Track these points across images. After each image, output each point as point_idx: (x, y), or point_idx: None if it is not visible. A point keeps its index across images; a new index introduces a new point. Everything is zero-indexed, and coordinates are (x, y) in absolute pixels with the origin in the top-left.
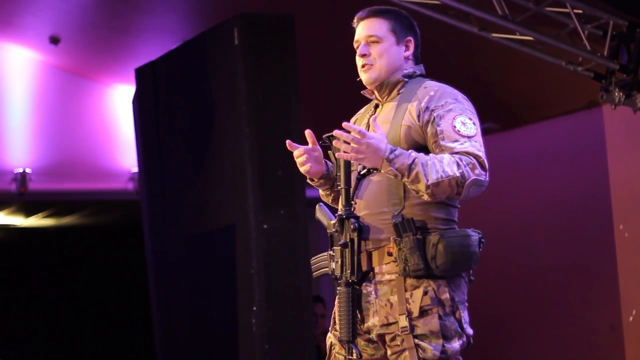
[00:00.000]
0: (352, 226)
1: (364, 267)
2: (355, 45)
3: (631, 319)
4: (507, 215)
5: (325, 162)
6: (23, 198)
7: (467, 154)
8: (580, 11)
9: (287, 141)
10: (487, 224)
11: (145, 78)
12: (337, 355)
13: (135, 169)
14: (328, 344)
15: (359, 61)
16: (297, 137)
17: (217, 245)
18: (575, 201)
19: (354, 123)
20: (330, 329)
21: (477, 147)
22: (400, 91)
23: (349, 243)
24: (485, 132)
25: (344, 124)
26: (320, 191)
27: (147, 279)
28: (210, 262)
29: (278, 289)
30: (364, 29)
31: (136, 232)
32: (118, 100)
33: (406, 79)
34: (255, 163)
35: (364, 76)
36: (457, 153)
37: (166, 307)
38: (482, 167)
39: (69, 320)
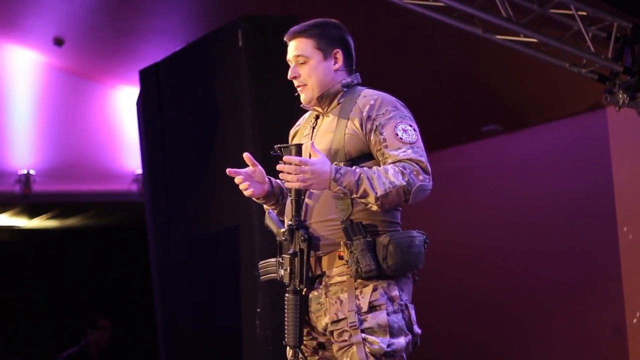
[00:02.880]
0: (302, 237)
1: (315, 272)
2: (289, 65)
3: (635, 320)
4: (511, 216)
5: (270, 179)
6: (27, 199)
7: (410, 160)
8: (585, 13)
9: (227, 169)
10: (490, 226)
11: (149, 80)
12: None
13: (139, 171)
14: (290, 354)
15: (295, 82)
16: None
17: (221, 246)
18: (579, 203)
19: (295, 135)
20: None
21: (420, 152)
22: (340, 101)
23: (299, 253)
24: (489, 134)
25: (285, 158)
26: (265, 207)
27: (151, 281)
28: (214, 264)
29: (282, 291)
30: (291, 50)
31: (140, 233)
32: (122, 101)
33: (345, 89)
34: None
35: (301, 96)
36: (400, 161)
37: (170, 309)
38: (425, 172)
39: (73, 322)
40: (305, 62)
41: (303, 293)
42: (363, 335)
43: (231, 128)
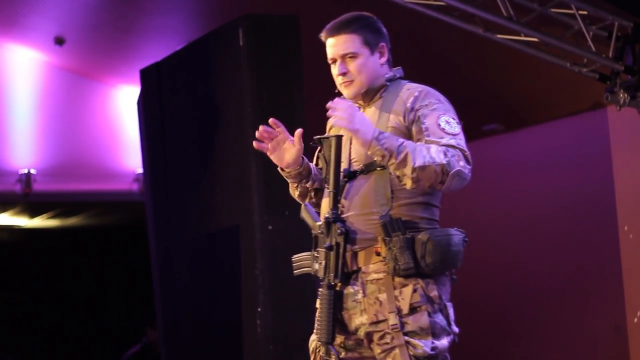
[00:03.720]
0: (338, 230)
1: (351, 268)
2: (330, 62)
3: (636, 320)
4: (511, 216)
5: (303, 158)
6: (28, 199)
7: (453, 147)
8: (585, 12)
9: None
10: (491, 225)
11: (150, 79)
12: (322, 357)
13: (140, 170)
14: (312, 347)
15: (337, 78)
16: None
17: (222, 246)
18: (580, 202)
19: (331, 128)
20: (314, 331)
21: (462, 143)
22: (382, 94)
23: (334, 246)
24: (489, 133)
25: (336, 100)
26: (291, 185)
27: (152, 280)
28: (214, 263)
29: (283, 290)
30: (336, 46)
31: (141, 233)
32: (123, 101)
33: (387, 83)
34: (260, 164)
35: (345, 91)
36: (442, 145)
37: (171, 308)
38: (467, 160)
39: (74, 322)
40: (354, 57)
41: (337, 288)
42: (406, 338)
43: (232, 127)
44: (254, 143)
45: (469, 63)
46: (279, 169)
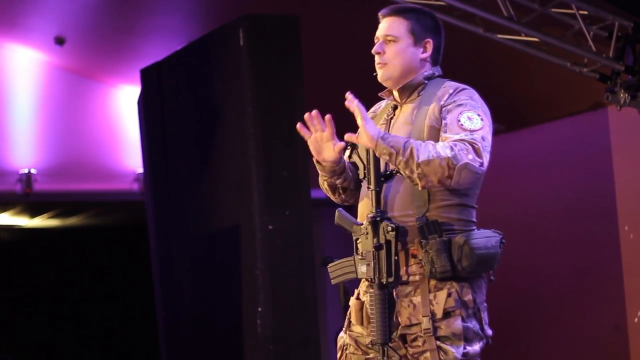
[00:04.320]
0: (389, 227)
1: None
2: (375, 41)
3: (636, 320)
4: (512, 216)
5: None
6: (28, 199)
7: (463, 141)
8: (586, 12)
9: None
10: (491, 225)
11: (151, 79)
12: (350, 355)
13: (141, 170)
14: (340, 343)
15: (376, 58)
16: (302, 137)
17: (222, 246)
18: (581, 202)
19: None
20: (344, 329)
21: (477, 138)
22: (421, 93)
23: (385, 245)
24: None
25: (349, 95)
26: (321, 176)
27: (152, 280)
28: (215, 263)
29: (283, 290)
30: (383, 27)
31: (141, 232)
32: (123, 101)
33: (426, 81)
34: (261, 164)
35: (379, 72)
36: (453, 140)
37: (171, 308)
38: (477, 154)
39: (74, 321)
40: (394, 41)
41: (390, 287)
42: (437, 343)
43: (232, 127)
44: (298, 125)
45: (468, 63)
46: (313, 159)
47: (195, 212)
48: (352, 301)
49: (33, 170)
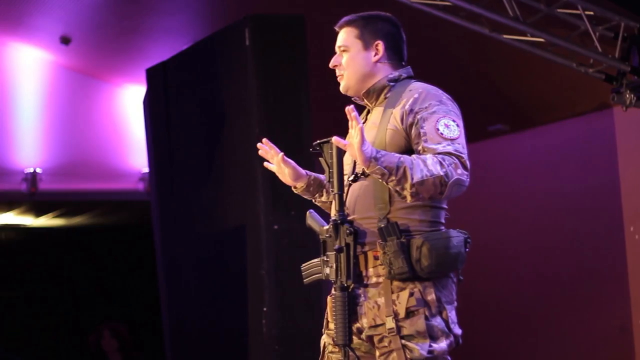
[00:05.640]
0: (347, 231)
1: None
2: None
3: None
4: (517, 216)
5: (308, 174)
6: (33, 198)
7: (450, 154)
8: (592, 13)
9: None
10: (496, 225)
11: (156, 78)
12: (330, 355)
13: (146, 169)
14: (322, 344)
15: (336, 72)
16: (308, 137)
17: (228, 245)
18: (586, 203)
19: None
20: (323, 329)
21: (460, 148)
22: (387, 95)
23: (344, 248)
24: (495, 134)
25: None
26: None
27: (157, 279)
28: (220, 263)
29: (288, 290)
30: (338, 39)
31: (146, 232)
32: (129, 100)
33: (392, 83)
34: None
35: (340, 85)
36: (439, 154)
37: (176, 308)
38: (464, 167)
39: (79, 321)
40: (346, 50)
41: (350, 290)
42: (403, 341)
43: (238, 127)
44: (265, 163)
45: (474, 63)
46: (292, 188)
47: (200, 211)
48: (328, 300)
49: (38, 170)
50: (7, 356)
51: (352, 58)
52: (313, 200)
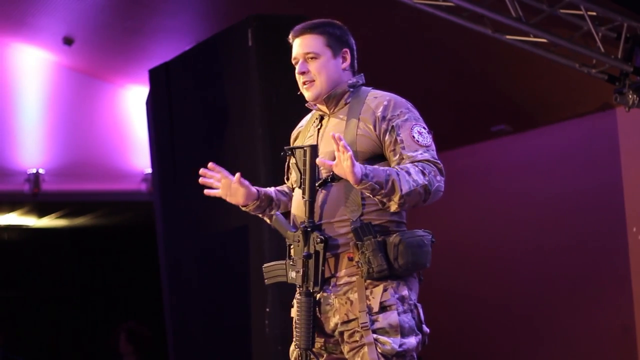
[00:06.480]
0: (318, 239)
1: (326, 275)
2: (293, 62)
3: None
4: (520, 217)
5: (258, 191)
6: (36, 198)
7: (428, 162)
8: (594, 13)
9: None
10: (499, 226)
11: (159, 79)
12: None
13: (149, 170)
14: (293, 356)
15: (299, 78)
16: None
17: (230, 246)
18: (589, 203)
19: (297, 137)
20: (294, 339)
21: (435, 155)
22: (347, 101)
23: (314, 255)
24: (498, 134)
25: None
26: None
27: (160, 280)
28: (223, 263)
29: (291, 291)
30: (300, 46)
31: (149, 232)
32: (131, 101)
33: (351, 89)
34: (269, 164)
35: (306, 94)
36: (419, 162)
37: (179, 308)
38: (441, 173)
39: (82, 321)
40: (315, 58)
41: (316, 296)
42: (374, 335)
43: (241, 127)
44: (205, 190)
45: (477, 64)
46: (242, 207)
47: (203, 212)
48: (294, 312)
49: (41, 170)
50: (9, 356)
51: (324, 65)
52: (261, 216)
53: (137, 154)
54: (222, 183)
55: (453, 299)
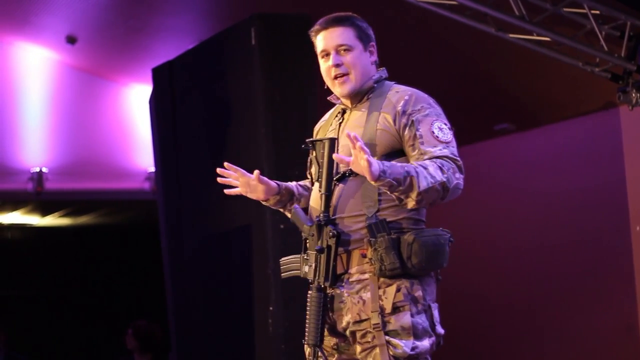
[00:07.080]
0: (330, 233)
1: (338, 270)
2: (321, 55)
3: None
4: (523, 215)
5: (279, 185)
6: (39, 197)
7: (447, 158)
8: (598, 12)
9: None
10: (502, 224)
11: (162, 78)
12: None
13: (152, 169)
14: (307, 353)
15: (331, 72)
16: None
17: (234, 245)
18: (592, 202)
19: (319, 130)
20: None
21: (455, 152)
22: (369, 96)
23: (326, 249)
24: (501, 133)
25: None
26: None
27: (164, 279)
28: (226, 262)
29: (294, 289)
30: (331, 38)
31: (152, 231)
32: (135, 99)
33: (375, 85)
34: (272, 163)
35: (338, 89)
36: (437, 157)
37: (183, 307)
38: (460, 171)
39: (85, 320)
40: (348, 50)
41: (327, 291)
42: (387, 337)
43: (244, 126)
44: (225, 190)
45: (480, 63)
46: (263, 202)
47: (206, 211)
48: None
49: (44, 169)
50: (12, 354)
51: (357, 58)
52: (282, 210)
53: (141, 153)
54: (240, 181)
55: (455, 297)
